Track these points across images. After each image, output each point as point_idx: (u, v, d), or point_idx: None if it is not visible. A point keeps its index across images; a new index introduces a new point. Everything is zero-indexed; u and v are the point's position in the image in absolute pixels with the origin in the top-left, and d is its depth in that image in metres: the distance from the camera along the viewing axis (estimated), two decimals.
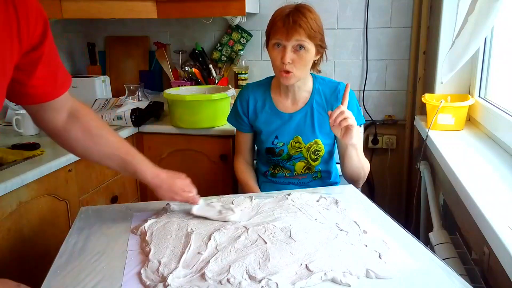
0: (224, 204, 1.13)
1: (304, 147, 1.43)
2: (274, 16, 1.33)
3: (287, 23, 1.27)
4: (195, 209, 1.09)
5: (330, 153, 1.49)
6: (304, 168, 1.47)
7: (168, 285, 0.79)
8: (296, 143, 1.43)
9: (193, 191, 1.11)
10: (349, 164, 1.36)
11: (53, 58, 0.85)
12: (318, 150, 1.43)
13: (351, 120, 1.23)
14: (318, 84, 1.44)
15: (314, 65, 1.40)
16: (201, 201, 1.13)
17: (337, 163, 1.55)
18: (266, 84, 1.49)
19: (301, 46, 1.29)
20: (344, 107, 1.24)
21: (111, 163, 1.05)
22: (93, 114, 1.04)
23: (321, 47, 1.35)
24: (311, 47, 1.31)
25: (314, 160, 1.45)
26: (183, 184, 1.10)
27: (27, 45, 0.77)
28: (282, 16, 1.29)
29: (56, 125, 0.97)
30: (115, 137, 1.05)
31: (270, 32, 1.33)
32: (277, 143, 1.44)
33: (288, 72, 1.31)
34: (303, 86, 1.42)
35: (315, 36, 1.30)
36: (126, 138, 1.88)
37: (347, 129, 1.25)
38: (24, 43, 0.75)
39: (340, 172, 1.49)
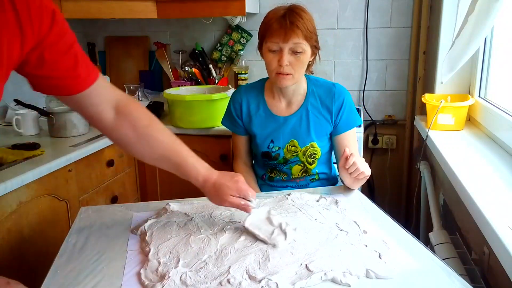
0: (284, 222, 0.99)
1: (300, 151, 1.42)
2: (269, 18, 1.30)
3: (285, 25, 1.25)
4: (247, 223, 0.97)
5: (327, 154, 1.48)
6: (301, 172, 1.46)
7: (169, 280, 0.79)
8: (292, 147, 1.42)
9: (247, 196, 1.00)
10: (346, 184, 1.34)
11: (66, 51, 0.82)
12: (315, 153, 1.42)
13: (367, 171, 1.17)
14: (312, 86, 1.42)
15: (308, 66, 1.37)
16: (260, 211, 1.02)
17: (334, 163, 1.55)
18: (259, 86, 1.46)
19: (298, 48, 1.27)
20: (355, 156, 1.14)
21: (163, 165, 1.00)
22: (141, 109, 0.98)
23: (315, 48, 1.34)
24: (307, 48, 1.29)
25: (310, 164, 1.44)
26: (231, 189, 0.99)
27: (33, 42, 0.76)
28: (278, 17, 1.27)
29: (105, 123, 0.94)
30: (165, 136, 0.99)
31: (266, 35, 1.30)
32: (273, 147, 1.43)
33: (285, 74, 1.30)
34: (298, 88, 1.40)
35: (311, 37, 1.29)
36: None
37: (363, 179, 1.20)
38: (29, 41, 0.75)
39: (338, 172, 1.48)
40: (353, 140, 1.42)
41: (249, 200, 1.00)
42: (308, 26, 1.27)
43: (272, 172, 1.49)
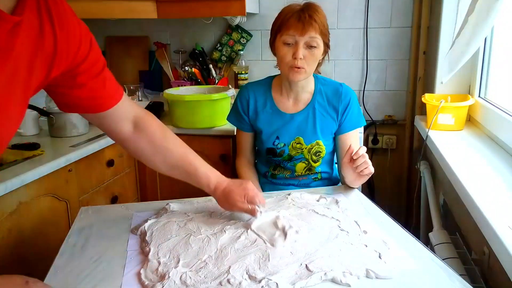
0: (288, 225, 0.98)
1: (306, 148, 1.43)
2: (285, 13, 1.31)
3: (303, 18, 1.26)
4: (254, 226, 0.99)
5: (331, 154, 1.49)
6: (305, 169, 1.46)
7: (169, 280, 0.79)
8: (297, 144, 1.43)
9: (255, 201, 1.02)
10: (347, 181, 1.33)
11: (97, 75, 0.87)
12: (320, 151, 1.43)
13: (371, 167, 1.17)
14: (320, 85, 1.44)
15: (317, 65, 1.39)
16: (268, 214, 1.02)
17: (335, 163, 1.55)
18: (267, 83, 1.48)
19: (313, 42, 1.29)
20: (364, 152, 1.15)
21: (176, 174, 1.06)
22: (157, 123, 1.05)
23: (327, 46, 1.36)
24: (321, 44, 1.31)
25: (315, 161, 1.45)
26: (239, 195, 1.03)
27: (65, 68, 0.79)
28: (296, 11, 1.29)
29: (123, 136, 1.00)
30: (178, 147, 1.06)
31: (282, 28, 1.30)
32: (278, 143, 1.44)
33: (298, 67, 1.30)
34: (306, 86, 1.42)
35: (326, 34, 1.32)
36: None
37: (365, 176, 1.19)
38: (60, 67, 0.77)
39: (338, 172, 1.48)
40: (356, 140, 1.43)
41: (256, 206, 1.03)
42: (324, 22, 1.30)
43: (275, 169, 1.50)
